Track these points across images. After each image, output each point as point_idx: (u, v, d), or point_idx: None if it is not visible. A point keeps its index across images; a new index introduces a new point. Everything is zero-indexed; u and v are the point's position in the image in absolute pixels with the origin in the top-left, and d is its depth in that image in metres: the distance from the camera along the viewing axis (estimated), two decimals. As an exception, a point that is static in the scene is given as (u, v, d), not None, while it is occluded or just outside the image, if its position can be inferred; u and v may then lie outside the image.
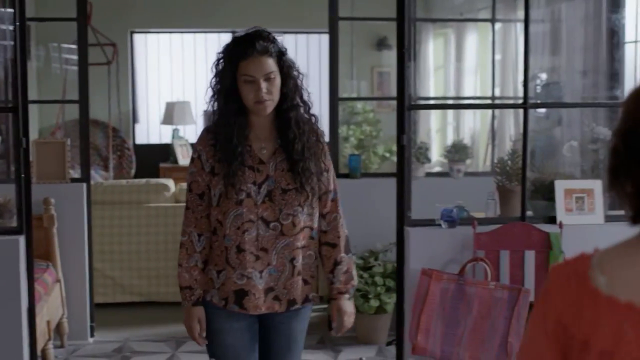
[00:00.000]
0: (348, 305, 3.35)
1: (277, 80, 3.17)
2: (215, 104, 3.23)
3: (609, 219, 4.54)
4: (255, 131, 3.25)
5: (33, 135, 9.10)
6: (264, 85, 3.13)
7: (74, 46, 6.64)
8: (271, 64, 3.15)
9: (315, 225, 3.30)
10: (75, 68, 6.40)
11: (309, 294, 3.33)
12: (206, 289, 3.26)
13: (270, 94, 3.15)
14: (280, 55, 3.19)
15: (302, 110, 3.26)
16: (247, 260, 3.18)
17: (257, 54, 3.13)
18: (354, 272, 3.38)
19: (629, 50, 5.82)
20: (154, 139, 11.08)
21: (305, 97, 3.27)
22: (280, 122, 3.24)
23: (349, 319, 3.35)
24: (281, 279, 3.23)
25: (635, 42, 5.58)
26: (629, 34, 5.80)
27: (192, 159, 3.28)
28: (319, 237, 3.33)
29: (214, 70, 3.25)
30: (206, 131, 3.29)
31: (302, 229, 3.24)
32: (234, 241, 3.19)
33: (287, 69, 3.20)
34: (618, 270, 1.60)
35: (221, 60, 3.22)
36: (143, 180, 7.45)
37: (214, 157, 3.21)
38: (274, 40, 3.19)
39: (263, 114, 3.19)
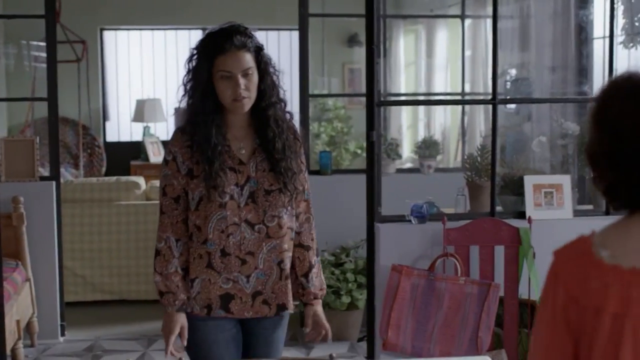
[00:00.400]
0: (321, 311, 3.26)
1: (255, 77, 3.05)
2: (189, 101, 3.09)
3: (577, 213, 4.57)
4: (232, 130, 3.12)
5: (2, 133, 9.05)
6: (242, 81, 3.00)
7: (43, 44, 6.60)
8: (249, 59, 3.03)
9: (294, 226, 3.20)
10: (45, 66, 6.35)
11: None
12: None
13: (248, 91, 3.03)
14: (258, 51, 3.08)
15: (279, 108, 3.14)
16: (233, 264, 3.07)
17: (234, 49, 3.00)
18: (323, 276, 3.32)
19: (597, 46, 5.86)
20: (125, 137, 11.03)
21: (281, 95, 3.15)
22: (257, 120, 3.12)
23: (327, 324, 3.25)
24: (269, 282, 3.12)
25: (603, 38, 5.61)
26: (597, 29, 5.84)
27: (166, 161, 3.12)
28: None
29: (188, 66, 3.10)
30: (180, 132, 3.12)
31: (287, 231, 3.14)
32: (217, 245, 3.07)
33: (264, 65, 3.08)
34: (618, 243, 1.76)
35: (195, 56, 3.08)
36: (114, 178, 7.41)
37: (191, 159, 3.07)
38: (251, 36, 3.07)
39: (241, 111, 3.07)
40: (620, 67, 5.24)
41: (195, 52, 3.09)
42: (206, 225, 3.07)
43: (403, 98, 9.97)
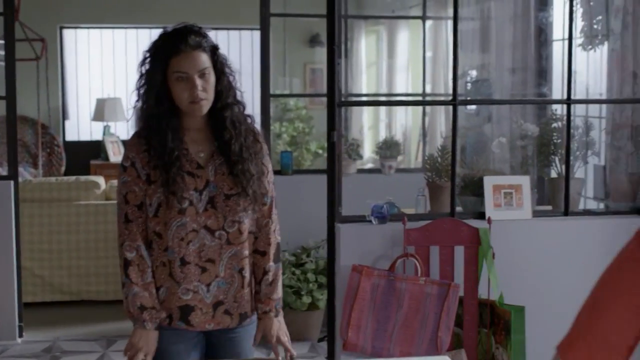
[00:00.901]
0: (274, 324, 3.12)
1: (212, 78, 2.97)
2: (143, 106, 3.00)
3: (536, 214, 4.61)
4: (189, 134, 3.03)
5: (-41, 132, 8.93)
6: (198, 82, 2.93)
7: (1, 41, 6.53)
8: (205, 59, 2.95)
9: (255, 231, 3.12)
10: (3, 64, 6.28)
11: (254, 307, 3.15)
12: None
13: (206, 92, 2.95)
14: (214, 51, 3.01)
15: (236, 109, 3.05)
16: (193, 273, 2.97)
17: (190, 49, 2.92)
18: (280, 283, 3.17)
19: (556, 48, 5.91)
20: (85, 136, 10.95)
21: (238, 96, 3.07)
22: (214, 122, 3.04)
23: (281, 338, 3.11)
24: (231, 291, 3.03)
25: (563, 40, 5.66)
26: (557, 31, 5.89)
27: (124, 167, 3.02)
28: None
29: (140, 69, 3.01)
30: (137, 136, 3.04)
31: (248, 236, 3.07)
32: (177, 253, 2.97)
33: (220, 65, 3.01)
34: None
35: (148, 58, 2.99)
36: (73, 178, 7.35)
37: (149, 164, 2.98)
38: (206, 35, 3.00)
39: (199, 114, 2.98)
40: (579, 70, 5.30)
41: (147, 54, 3.01)
42: (166, 232, 2.99)
43: (364, 98, 10.00)
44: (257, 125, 3.23)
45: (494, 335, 4.18)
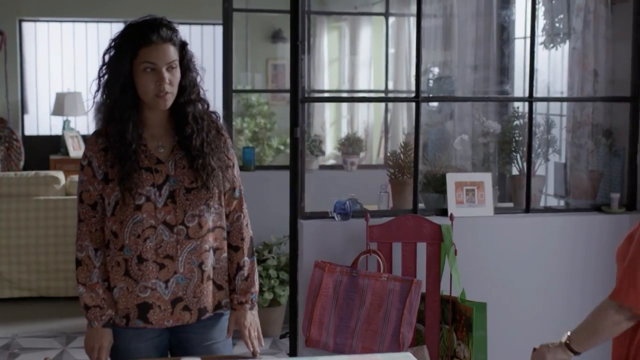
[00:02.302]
0: (248, 317, 3.12)
1: (178, 72, 2.96)
2: (105, 96, 2.97)
3: (498, 211, 4.63)
4: (149, 129, 3.02)
5: None
6: (166, 75, 2.92)
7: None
8: (174, 53, 2.94)
9: (225, 225, 3.11)
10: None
11: (222, 300, 3.12)
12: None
13: (172, 86, 2.94)
14: (183, 46, 3.01)
15: (200, 106, 3.05)
16: (150, 270, 2.96)
17: (161, 41, 2.91)
18: (256, 277, 3.17)
19: (518, 46, 5.94)
20: (44, 130, 10.85)
21: (201, 94, 3.07)
22: (176, 117, 3.02)
23: (252, 332, 3.12)
24: (190, 286, 3.01)
25: (524, 38, 5.69)
26: (519, 29, 5.91)
27: (82, 166, 3.01)
28: None
29: (104, 58, 2.98)
30: (96, 135, 3.02)
31: (212, 230, 3.05)
32: (134, 251, 2.96)
33: (187, 61, 3.01)
34: None
35: (116, 47, 2.96)
36: (32, 173, 7.28)
37: (106, 163, 2.97)
38: (176, 30, 2.99)
39: (162, 107, 2.97)
40: (540, 68, 5.32)
41: (115, 42, 2.98)
42: (122, 230, 2.97)
43: (326, 95, 9.99)
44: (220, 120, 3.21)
45: (456, 331, 4.20)
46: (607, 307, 2.71)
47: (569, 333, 2.75)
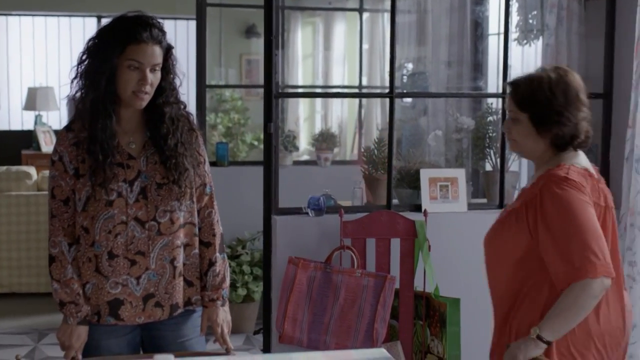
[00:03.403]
0: (220, 314, 3.12)
1: (159, 75, 2.95)
2: (86, 88, 2.92)
3: (471, 206, 4.64)
4: (121, 124, 2.99)
5: None
6: (149, 76, 2.90)
7: None
8: (159, 55, 2.93)
9: (196, 221, 3.10)
10: None
11: (192, 297, 3.10)
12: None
13: (152, 87, 2.93)
14: (169, 49, 3.00)
15: (176, 108, 3.03)
16: (121, 266, 2.94)
17: (151, 41, 2.90)
18: (227, 274, 3.17)
19: (492, 42, 5.96)
20: (16, 125, 10.78)
21: (179, 97, 3.06)
22: (151, 115, 3.00)
23: (223, 329, 3.12)
24: (162, 282, 2.99)
25: (498, 34, 5.70)
26: (492, 26, 5.93)
27: (52, 162, 2.99)
28: None
29: (92, 49, 2.93)
30: (66, 130, 3.00)
31: (183, 226, 3.03)
32: (104, 247, 2.94)
33: (171, 65, 3.00)
34: (576, 160, 2.93)
35: (103, 39, 2.92)
36: (4, 168, 7.22)
37: (77, 158, 2.95)
38: (165, 32, 2.98)
39: (138, 106, 2.95)
40: (514, 64, 5.34)
41: (103, 34, 2.94)
42: (93, 226, 2.95)
43: (300, 90, 9.98)
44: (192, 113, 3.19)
45: (430, 327, 4.20)
46: (580, 288, 2.71)
47: (536, 328, 2.76)
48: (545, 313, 2.80)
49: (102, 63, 2.89)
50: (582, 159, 2.94)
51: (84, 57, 2.96)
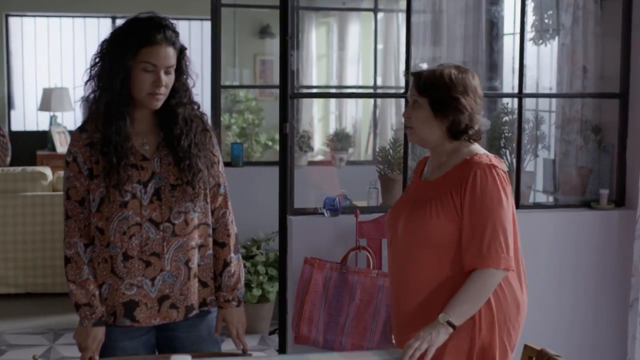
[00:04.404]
0: (235, 314, 3.13)
1: (173, 76, 2.96)
2: (100, 90, 2.92)
3: (487, 207, 4.61)
4: (134, 125, 2.98)
5: None
6: (163, 78, 2.91)
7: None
8: (173, 57, 2.94)
9: (210, 221, 3.09)
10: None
11: (207, 298, 3.10)
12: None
13: (166, 89, 2.94)
14: (182, 51, 3.00)
15: (190, 108, 3.04)
16: (136, 267, 2.95)
17: (165, 43, 2.90)
18: (242, 274, 3.18)
19: (507, 42, 5.94)
20: (31, 126, 10.81)
21: (192, 98, 3.06)
22: (164, 115, 3.00)
23: (239, 330, 3.14)
24: (177, 284, 2.99)
25: (513, 34, 5.69)
26: (508, 26, 5.91)
27: (67, 163, 2.99)
28: None
29: (105, 52, 2.93)
30: (80, 131, 2.99)
31: (198, 227, 3.03)
32: (119, 248, 2.94)
33: (185, 66, 3.01)
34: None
35: (117, 40, 2.91)
36: (19, 169, 7.24)
37: (91, 159, 2.95)
38: (178, 34, 2.99)
39: (153, 107, 2.95)
40: (529, 64, 5.32)
41: (117, 36, 2.94)
42: (108, 227, 2.95)
43: (315, 90, 9.98)
44: (206, 113, 3.19)
45: (445, 327, 4.19)
46: (484, 275, 2.90)
47: (446, 314, 2.87)
48: None
49: (117, 65, 2.89)
50: (485, 151, 3.08)
51: (97, 60, 2.97)
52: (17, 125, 10.75)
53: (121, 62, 2.89)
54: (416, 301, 3.04)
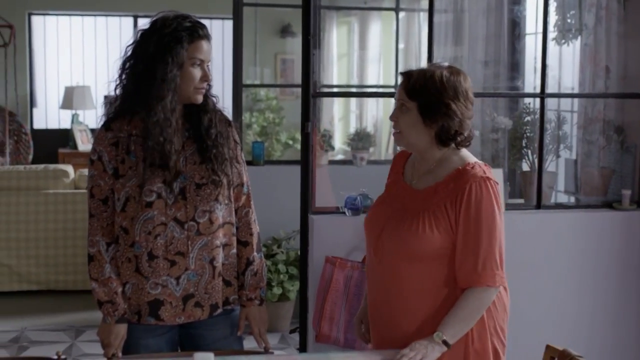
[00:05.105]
0: (258, 313, 3.15)
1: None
2: (160, 85, 2.88)
3: (508, 207, 4.60)
4: None
5: None
6: (208, 72, 2.97)
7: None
8: (211, 51, 2.99)
9: (234, 220, 3.10)
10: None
11: (230, 297, 3.11)
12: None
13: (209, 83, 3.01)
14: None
15: (212, 101, 3.06)
16: (161, 267, 2.95)
17: (206, 38, 2.95)
18: (264, 273, 3.18)
19: (529, 42, 5.92)
20: (53, 124, 10.86)
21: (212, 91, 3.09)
22: (191, 107, 3.00)
23: (261, 328, 3.16)
24: (201, 282, 3.00)
25: (535, 34, 5.68)
26: (530, 25, 5.90)
27: (92, 161, 2.98)
28: None
29: (162, 50, 2.89)
30: (105, 129, 2.99)
31: (222, 226, 3.04)
32: (144, 248, 2.95)
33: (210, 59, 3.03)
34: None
35: (164, 41, 2.88)
36: (42, 166, 7.28)
37: (117, 158, 2.95)
38: None
39: (197, 101, 2.97)
40: (550, 63, 5.31)
41: (160, 35, 2.90)
42: (133, 227, 2.96)
43: (335, 90, 9.98)
44: (228, 112, 3.21)
45: (466, 327, 4.18)
46: (481, 294, 2.85)
47: (440, 333, 2.81)
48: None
49: (173, 61, 2.89)
50: (475, 159, 2.99)
51: (132, 60, 2.95)
52: (39, 123, 10.81)
53: (179, 57, 2.89)
54: (411, 318, 2.94)
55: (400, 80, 2.99)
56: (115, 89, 3.00)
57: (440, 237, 2.86)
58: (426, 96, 2.87)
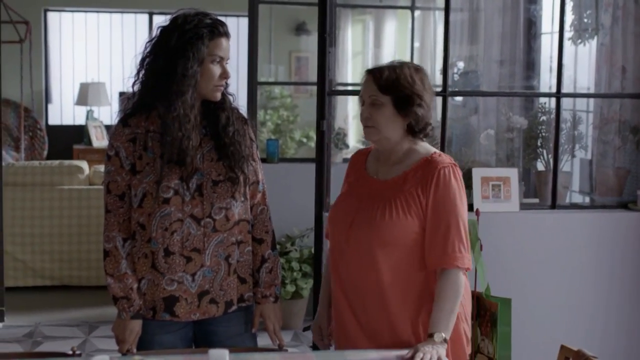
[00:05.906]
0: (272, 310, 3.15)
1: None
2: (183, 81, 2.88)
3: (524, 206, 4.61)
4: None
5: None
6: (227, 69, 2.97)
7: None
8: (229, 48, 3.00)
9: (250, 217, 3.10)
10: (-13, 45, 6.23)
11: (245, 294, 3.11)
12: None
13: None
14: None
15: (229, 99, 3.07)
16: (177, 263, 2.95)
17: (226, 35, 2.96)
18: (279, 271, 3.18)
19: (545, 41, 5.91)
20: (68, 120, 10.89)
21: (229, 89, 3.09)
22: (209, 104, 3.01)
23: (276, 326, 3.16)
24: (217, 279, 3.00)
25: (551, 33, 5.66)
26: (546, 25, 5.88)
27: (109, 157, 2.98)
28: None
29: (183, 45, 2.89)
30: (122, 125, 2.98)
31: (238, 223, 3.04)
32: (161, 244, 2.95)
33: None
34: None
35: (185, 38, 2.88)
36: (56, 162, 7.30)
37: (134, 154, 2.95)
38: None
39: (216, 98, 2.97)
40: (566, 63, 5.30)
41: (181, 32, 2.90)
42: (150, 223, 2.96)
43: (350, 88, 9.98)
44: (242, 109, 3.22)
45: (480, 326, 4.17)
46: (454, 278, 2.92)
47: (441, 333, 2.87)
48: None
49: (194, 58, 2.89)
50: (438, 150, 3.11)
51: (152, 57, 2.95)
52: (54, 119, 10.84)
53: (200, 54, 2.90)
54: (394, 302, 2.99)
55: (365, 78, 3.06)
56: (133, 85, 3.01)
57: (412, 222, 2.94)
58: (400, 89, 2.96)
